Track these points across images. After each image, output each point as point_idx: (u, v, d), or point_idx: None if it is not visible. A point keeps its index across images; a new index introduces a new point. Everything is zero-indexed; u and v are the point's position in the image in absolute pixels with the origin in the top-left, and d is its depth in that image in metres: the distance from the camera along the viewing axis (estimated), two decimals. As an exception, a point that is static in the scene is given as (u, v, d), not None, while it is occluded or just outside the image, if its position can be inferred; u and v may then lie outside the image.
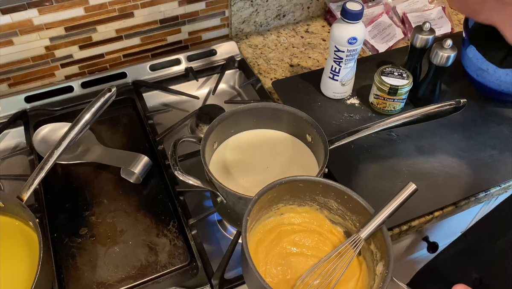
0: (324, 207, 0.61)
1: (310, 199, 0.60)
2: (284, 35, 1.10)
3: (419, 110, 0.71)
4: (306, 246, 0.59)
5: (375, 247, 0.56)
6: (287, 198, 0.60)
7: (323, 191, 0.59)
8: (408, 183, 0.55)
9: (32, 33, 0.87)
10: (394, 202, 0.54)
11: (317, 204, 0.61)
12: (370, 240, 0.57)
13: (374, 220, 0.54)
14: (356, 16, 0.77)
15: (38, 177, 0.67)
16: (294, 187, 0.58)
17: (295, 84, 0.94)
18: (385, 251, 0.53)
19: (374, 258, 0.56)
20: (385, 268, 0.52)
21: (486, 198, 0.79)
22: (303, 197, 0.60)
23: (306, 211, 0.62)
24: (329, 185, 0.58)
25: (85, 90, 0.94)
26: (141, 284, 0.67)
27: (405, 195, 0.55)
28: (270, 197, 0.57)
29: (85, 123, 0.72)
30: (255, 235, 0.58)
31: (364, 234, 0.55)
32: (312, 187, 0.58)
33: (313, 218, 0.62)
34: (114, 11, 0.91)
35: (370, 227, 0.54)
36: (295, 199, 0.60)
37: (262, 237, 0.59)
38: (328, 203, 0.60)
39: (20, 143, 0.88)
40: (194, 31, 1.03)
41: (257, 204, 0.54)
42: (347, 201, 0.57)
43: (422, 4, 1.11)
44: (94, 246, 0.71)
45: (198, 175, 0.66)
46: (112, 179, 0.80)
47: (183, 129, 0.91)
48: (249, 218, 0.52)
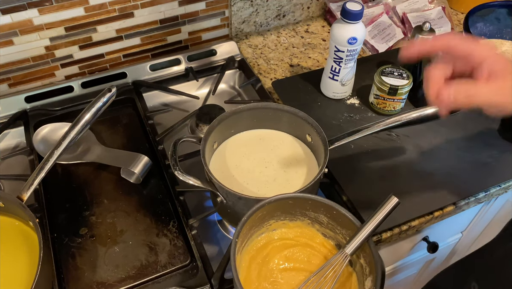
0: (315, 221, 0.62)
1: (301, 214, 0.61)
2: (284, 35, 1.10)
3: (419, 110, 0.71)
4: (298, 260, 0.60)
5: (364, 261, 0.57)
6: (278, 214, 0.61)
7: (312, 206, 0.60)
8: (390, 196, 0.56)
9: (32, 33, 0.87)
10: (377, 217, 0.55)
11: (308, 219, 0.62)
12: (360, 254, 0.57)
13: (359, 235, 0.55)
14: (356, 16, 0.77)
15: (38, 177, 0.67)
16: (283, 204, 0.59)
17: (295, 84, 0.94)
18: (373, 267, 0.54)
19: (364, 272, 0.57)
20: (372, 284, 0.53)
21: (486, 198, 0.79)
22: (294, 212, 0.61)
23: (298, 225, 0.63)
24: (318, 201, 0.59)
25: (85, 90, 0.94)
26: (141, 284, 0.67)
27: (387, 208, 0.56)
28: (261, 215, 0.58)
29: (85, 123, 0.72)
30: (247, 253, 0.60)
31: (349, 250, 0.55)
32: (302, 203, 0.60)
33: (305, 232, 0.63)
34: (114, 11, 0.91)
35: (355, 242, 0.55)
36: (286, 214, 0.61)
37: (255, 254, 0.60)
38: (318, 218, 0.61)
39: (20, 143, 0.88)
40: (194, 31, 1.03)
41: (247, 224, 0.55)
42: (336, 216, 0.58)
43: (422, 4, 1.11)
44: (94, 246, 0.71)
45: (198, 175, 0.66)
46: (112, 179, 0.80)
47: (183, 129, 0.91)
48: (238, 240, 0.54)
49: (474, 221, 1.04)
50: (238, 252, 0.55)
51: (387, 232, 0.73)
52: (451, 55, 0.51)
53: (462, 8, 1.17)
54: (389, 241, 0.75)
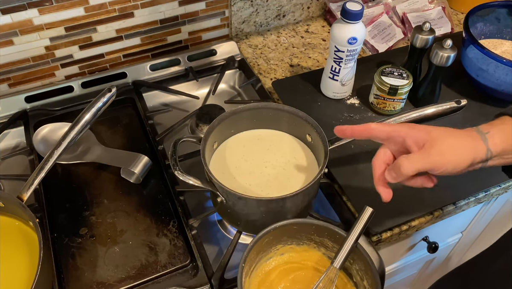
0: (321, 245, 0.63)
1: (307, 238, 0.63)
2: (284, 35, 1.10)
3: (419, 110, 0.71)
4: (304, 283, 0.61)
5: (367, 283, 0.58)
6: (285, 239, 0.62)
7: (317, 231, 0.61)
8: (365, 208, 0.58)
9: (32, 33, 0.87)
10: (357, 228, 0.58)
11: (314, 243, 0.63)
12: (363, 276, 0.59)
13: (343, 248, 0.57)
14: (356, 16, 0.77)
15: (38, 177, 0.67)
16: (288, 229, 0.61)
17: (295, 84, 0.94)
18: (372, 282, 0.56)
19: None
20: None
21: (486, 198, 0.79)
22: (300, 237, 0.63)
23: (305, 249, 0.64)
24: (321, 226, 0.60)
25: (85, 90, 0.94)
26: (141, 284, 0.67)
27: (364, 219, 0.58)
28: (267, 241, 0.60)
29: (85, 123, 0.72)
30: (256, 277, 0.61)
31: (337, 264, 0.57)
32: (306, 228, 0.61)
33: (312, 256, 0.64)
34: (114, 11, 0.91)
35: (340, 256, 0.57)
36: (293, 239, 0.63)
37: (264, 277, 0.61)
38: (323, 242, 0.62)
39: (20, 143, 0.88)
40: (194, 31, 1.03)
41: (254, 249, 0.57)
42: (339, 240, 0.59)
43: (422, 4, 1.11)
44: (94, 246, 0.71)
45: (198, 175, 0.66)
46: (112, 179, 0.80)
47: (183, 129, 0.91)
48: (245, 265, 0.55)
49: (474, 221, 1.04)
50: (246, 276, 0.57)
51: (387, 232, 0.73)
52: (377, 140, 0.58)
53: (462, 8, 1.17)
54: (389, 241, 0.75)
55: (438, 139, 0.53)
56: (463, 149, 0.53)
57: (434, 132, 0.54)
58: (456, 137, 0.54)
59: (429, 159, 0.53)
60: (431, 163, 0.53)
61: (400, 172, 0.53)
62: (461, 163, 0.53)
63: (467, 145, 0.54)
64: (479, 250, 0.81)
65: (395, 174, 0.54)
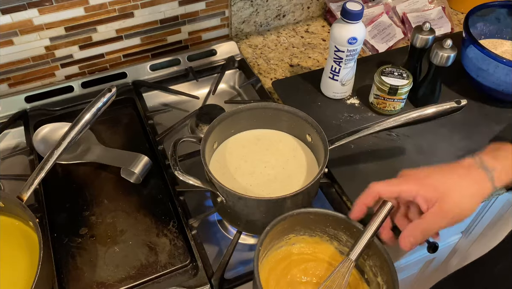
0: (334, 238, 0.62)
1: (321, 230, 0.62)
2: (284, 35, 1.10)
3: (419, 110, 0.71)
4: (315, 275, 0.61)
5: (381, 279, 0.58)
6: (298, 229, 0.62)
7: (333, 223, 0.61)
8: (384, 202, 0.58)
9: (32, 33, 0.87)
10: (375, 223, 0.57)
11: (327, 235, 0.63)
12: (377, 272, 0.58)
13: (360, 241, 0.57)
14: (356, 16, 0.77)
15: (38, 177, 0.67)
16: (305, 218, 0.60)
17: (295, 84, 0.94)
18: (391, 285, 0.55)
19: None
20: None
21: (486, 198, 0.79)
22: (314, 228, 0.62)
23: (317, 241, 0.63)
24: (339, 218, 0.60)
25: (85, 90, 0.94)
26: (141, 284, 0.67)
27: (383, 213, 0.57)
28: (281, 228, 0.59)
29: (85, 123, 0.72)
30: (267, 264, 0.60)
31: (353, 255, 0.57)
32: (323, 219, 0.61)
33: (323, 249, 0.63)
34: (114, 11, 0.91)
35: (357, 248, 0.57)
36: (306, 230, 0.62)
37: (274, 265, 0.61)
38: (337, 235, 0.62)
39: (20, 143, 0.88)
40: (194, 31, 1.03)
41: (269, 235, 0.56)
42: (356, 233, 0.59)
43: (422, 4, 1.11)
44: (94, 246, 0.71)
45: (198, 175, 0.66)
46: (112, 179, 0.80)
47: (183, 129, 0.91)
48: (261, 248, 0.55)
49: (474, 221, 1.04)
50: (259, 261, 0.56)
51: (387, 232, 0.73)
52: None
53: (462, 8, 1.17)
54: (389, 241, 0.75)
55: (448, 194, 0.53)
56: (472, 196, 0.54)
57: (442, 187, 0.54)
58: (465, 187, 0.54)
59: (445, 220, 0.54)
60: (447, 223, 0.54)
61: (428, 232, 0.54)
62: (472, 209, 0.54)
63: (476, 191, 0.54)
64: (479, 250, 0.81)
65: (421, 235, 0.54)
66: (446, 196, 0.53)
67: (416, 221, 0.54)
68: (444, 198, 0.53)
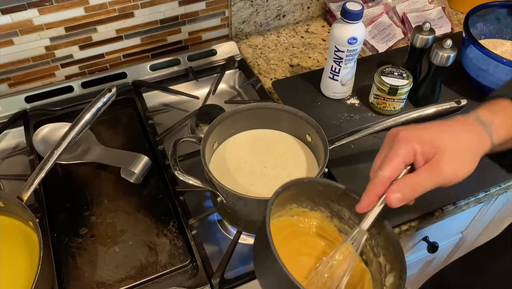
0: (336, 215, 0.61)
1: (324, 205, 0.60)
2: (284, 35, 1.10)
3: (419, 110, 0.71)
4: (315, 249, 0.59)
5: (384, 259, 0.56)
6: (302, 200, 0.60)
7: (340, 198, 0.59)
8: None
9: (32, 33, 0.87)
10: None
11: (330, 211, 0.61)
12: (380, 252, 0.57)
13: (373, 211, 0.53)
14: (356, 16, 0.77)
15: (38, 177, 0.67)
16: (313, 188, 0.58)
17: (295, 84, 0.94)
18: (397, 264, 0.53)
19: (383, 270, 0.56)
20: (396, 279, 0.52)
21: (486, 198, 0.79)
22: (318, 201, 0.60)
23: (317, 217, 0.62)
24: (347, 193, 0.57)
25: (85, 90, 0.94)
26: (141, 284, 0.67)
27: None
28: (287, 195, 0.57)
29: (85, 123, 0.72)
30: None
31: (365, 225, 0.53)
32: (331, 192, 0.59)
33: (322, 225, 0.62)
34: (114, 11, 0.91)
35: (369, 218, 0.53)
36: (309, 202, 0.60)
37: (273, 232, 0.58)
38: (341, 212, 0.60)
39: (20, 143, 0.88)
40: (194, 31, 1.03)
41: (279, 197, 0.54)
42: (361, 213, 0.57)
43: (422, 4, 1.11)
44: (94, 246, 0.71)
45: (198, 175, 0.66)
46: (112, 179, 0.80)
47: (183, 129, 0.91)
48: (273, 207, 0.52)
49: (474, 221, 1.04)
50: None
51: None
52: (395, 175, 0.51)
53: (462, 8, 1.17)
54: (389, 241, 0.75)
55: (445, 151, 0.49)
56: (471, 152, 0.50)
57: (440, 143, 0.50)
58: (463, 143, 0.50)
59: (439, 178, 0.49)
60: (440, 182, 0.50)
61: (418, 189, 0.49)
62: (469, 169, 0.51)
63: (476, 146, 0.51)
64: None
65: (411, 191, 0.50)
66: (444, 153, 0.49)
67: (408, 176, 0.50)
68: (442, 154, 0.49)
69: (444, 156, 0.49)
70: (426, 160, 0.50)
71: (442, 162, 0.49)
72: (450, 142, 0.50)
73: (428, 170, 0.49)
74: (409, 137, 0.50)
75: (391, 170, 0.50)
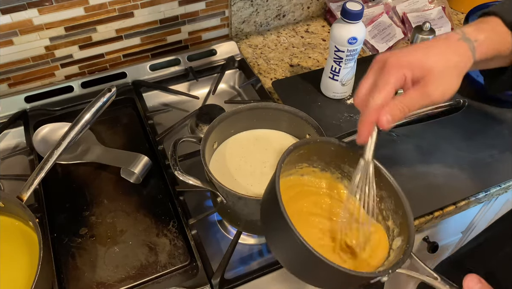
0: (346, 177, 0.60)
1: (335, 166, 0.60)
2: (284, 35, 1.10)
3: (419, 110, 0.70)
4: (323, 209, 0.58)
5: (393, 223, 0.56)
6: (313, 159, 0.59)
7: (351, 159, 0.57)
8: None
9: (32, 33, 0.87)
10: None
11: (340, 172, 0.60)
12: (388, 215, 0.56)
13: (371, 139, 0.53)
14: (356, 16, 0.77)
15: (38, 177, 0.67)
16: (325, 148, 0.58)
17: (295, 84, 0.94)
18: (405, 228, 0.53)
19: (391, 234, 0.56)
20: (404, 242, 0.52)
21: (486, 198, 0.79)
22: (329, 161, 0.59)
23: (327, 177, 0.61)
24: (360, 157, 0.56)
25: (85, 90, 0.94)
26: (141, 284, 0.67)
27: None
28: (298, 154, 0.57)
29: (85, 123, 0.72)
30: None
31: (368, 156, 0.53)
32: (342, 154, 0.58)
33: (332, 185, 0.61)
34: (114, 11, 0.91)
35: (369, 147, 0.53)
36: (320, 162, 0.60)
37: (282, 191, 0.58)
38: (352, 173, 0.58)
39: (20, 143, 0.88)
40: (194, 31, 1.03)
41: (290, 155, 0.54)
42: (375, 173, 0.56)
43: (422, 4, 1.11)
44: (94, 246, 0.71)
45: (198, 175, 0.66)
46: (112, 179, 0.80)
47: (183, 129, 0.91)
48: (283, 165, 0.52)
49: (474, 221, 1.04)
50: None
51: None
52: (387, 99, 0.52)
53: (462, 8, 1.17)
54: (389, 241, 0.75)
55: (432, 72, 0.50)
56: (455, 68, 0.52)
57: (427, 63, 0.51)
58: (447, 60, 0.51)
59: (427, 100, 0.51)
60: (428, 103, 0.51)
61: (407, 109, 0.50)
62: (454, 87, 0.52)
63: (457, 62, 0.52)
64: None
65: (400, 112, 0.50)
66: (432, 75, 0.50)
67: (397, 98, 0.51)
68: (430, 76, 0.50)
69: (432, 77, 0.50)
70: (414, 82, 0.51)
71: (430, 84, 0.50)
72: (437, 64, 0.51)
73: (416, 92, 0.51)
74: (399, 63, 0.51)
75: (383, 98, 0.51)
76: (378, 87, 0.51)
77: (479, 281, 0.46)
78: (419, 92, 0.51)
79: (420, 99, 0.51)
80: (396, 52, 0.52)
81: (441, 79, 0.51)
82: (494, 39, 0.54)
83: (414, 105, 0.51)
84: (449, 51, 0.52)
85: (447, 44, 0.53)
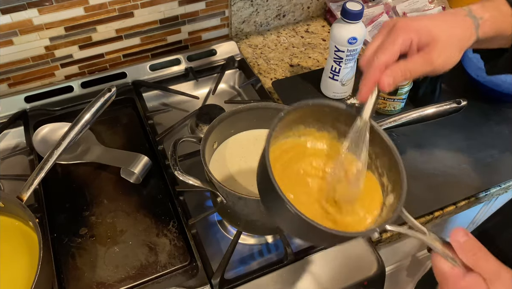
0: (343, 135, 0.60)
1: (332, 125, 0.60)
2: (284, 35, 1.10)
3: (419, 110, 0.71)
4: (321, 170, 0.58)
5: (387, 179, 0.56)
6: (309, 121, 0.59)
7: (347, 118, 0.58)
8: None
9: (32, 33, 0.87)
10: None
11: (337, 132, 0.60)
12: (383, 171, 0.57)
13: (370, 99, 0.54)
14: (356, 16, 0.77)
15: (38, 177, 0.67)
16: (319, 110, 0.58)
17: (295, 84, 0.94)
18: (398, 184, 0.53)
19: (385, 190, 0.56)
20: (396, 200, 0.52)
21: (486, 198, 0.79)
22: (325, 122, 0.59)
23: (324, 136, 0.61)
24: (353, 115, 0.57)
25: (85, 90, 0.94)
26: (141, 284, 0.67)
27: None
28: (293, 118, 0.57)
29: (85, 123, 0.72)
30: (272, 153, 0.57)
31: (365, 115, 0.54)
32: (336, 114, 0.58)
33: (330, 145, 0.61)
34: (114, 11, 0.91)
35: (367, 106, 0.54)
36: (316, 123, 0.60)
37: (279, 154, 0.58)
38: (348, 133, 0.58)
39: (20, 143, 0.88)
40: (194, 31, 1.03)
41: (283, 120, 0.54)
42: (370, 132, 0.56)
43: (422, 4, 1.11)
44: (94, 246, 0.71)
45: (198, 175, 0.66)
46: (112, 179, 0.80)
47: (183, 129, 0.91)
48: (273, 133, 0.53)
49: (474, 221, 1.04)
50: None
51: (387, 232, 0.73)
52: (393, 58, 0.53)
53: (462, 8, 1.17)
54: (389, 241, 0.75)
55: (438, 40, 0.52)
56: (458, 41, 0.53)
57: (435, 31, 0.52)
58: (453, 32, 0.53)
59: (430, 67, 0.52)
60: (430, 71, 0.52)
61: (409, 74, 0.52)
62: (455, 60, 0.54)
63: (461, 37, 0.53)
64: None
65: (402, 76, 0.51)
66: (437, 43, 0.52)
67: (400, 62, 0.52)
68: (435, 44, 0.52)
69: (437, 46, 0.52)
70: (419, 48, 0.52)
71: (434, 52, 0.52)
72: (443, 34, 0.52)
73: (420, 58, 0.52)
74: (407, 27, 0.52)
75: (388, 57, 0.52)
76: (384, 46, 0.52)
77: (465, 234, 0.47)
78: (423, 59, 0.52)
79: (423, 65, 0.52)
80: (405, 18, 0.54)
81: (445, 49, 0.52)
82: (498, 18, 0.55)
83: (416, 71, 0.52)
84: (456, 24, 0.54)
85: (454, 18, 0.54)
